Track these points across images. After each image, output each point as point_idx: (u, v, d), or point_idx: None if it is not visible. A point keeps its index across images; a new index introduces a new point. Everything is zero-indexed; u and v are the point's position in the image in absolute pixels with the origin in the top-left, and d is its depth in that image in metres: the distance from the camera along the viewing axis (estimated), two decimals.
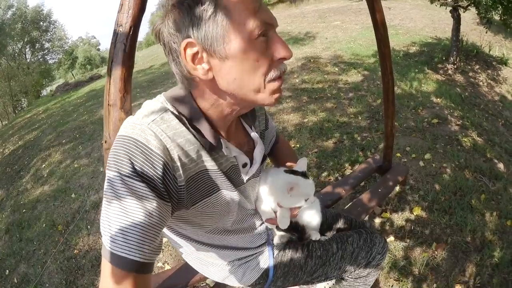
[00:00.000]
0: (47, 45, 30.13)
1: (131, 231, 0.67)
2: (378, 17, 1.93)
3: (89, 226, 3.46)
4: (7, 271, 3.23)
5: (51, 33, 30.25)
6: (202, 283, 2.23)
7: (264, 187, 1.11)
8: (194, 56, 0.75)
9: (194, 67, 0.76)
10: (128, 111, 1.09)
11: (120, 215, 0.68)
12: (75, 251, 3.13)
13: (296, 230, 1.25)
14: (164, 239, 2.84)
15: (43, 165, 5.77)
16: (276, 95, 0.83)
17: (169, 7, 0.74)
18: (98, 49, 60.58)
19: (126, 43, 1.03)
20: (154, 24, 0.80)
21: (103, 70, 29.14)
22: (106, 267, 0.68)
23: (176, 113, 0.82)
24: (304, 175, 1.08)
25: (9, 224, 4.12)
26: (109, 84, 1.06)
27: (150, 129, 0.74)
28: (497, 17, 6.79)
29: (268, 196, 1.09)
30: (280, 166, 1.33)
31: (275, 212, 1.13)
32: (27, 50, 28.07)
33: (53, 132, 7.74)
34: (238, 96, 0.81)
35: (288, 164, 1.24)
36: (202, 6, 0.71)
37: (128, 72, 1.07)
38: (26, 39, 26.92)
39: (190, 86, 0.83)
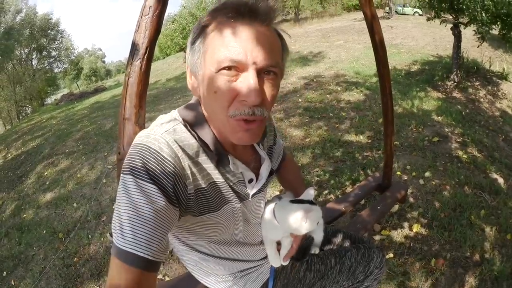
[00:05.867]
0: (53, 53, 30.35)
1: (141, 230, 0.71)
2: (377, 38, 1.99)
3: (90, 236, 3.50)
4: (5, 272, 3.27)
5: (58, 42, 30.54)
6: None
7: (267, 220, 1.15)
8: (189, 74, 0.89)
9: (189, 81, 0.91)
10: (142, 126, 1.14)
11: (131, 214, 0.72)
12: (75, 259, 3.17)
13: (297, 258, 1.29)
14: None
15: (46, 173, 5.83)
16: (238, 135, 0.83)
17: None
18: (104, 61, 61.05)
19: (142, 62, 1.10)
20: None
21: (108, 82, 29.22)
22: (114, 263, 0.72)
23: (188, 127, 0.87)
24: (311, 203, 1.12)
25: (9, 227, 4.18)
26: (125, 99, 1.13)
27: (163, 138, 0.80)
28: (495, 32, 6.90)
29: (275, 229, 1.13)
30: (285, 184, 1.38)
31: (278, 245, 1.18)
32: (33, 56, 28.31)
33: (57, 140, 7.81)
34: (215, 128, 0.89)
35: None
36: (196, 36, 0.83)
37: (143, 89, 1.13)
38: (33, 46, 27.16)
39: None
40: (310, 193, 1.16)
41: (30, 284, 3.01)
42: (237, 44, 0.76)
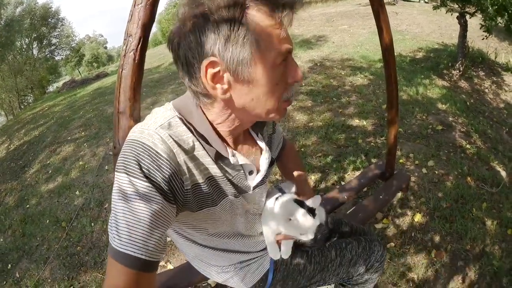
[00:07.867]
0: (54, 41, 29.82)
1: (137, 230, 0.70)
2: (384, 26, 1.95)
3: (92, 224, 3.50)
4: (9, 265, 3.27)
5: (59, 30, 29.87)
6: (204, 283, 2.26)
7: (267, 212, 1.14)
8: (215, 74, 0.75)
9: (214, 86, 0.77)
10: (137, 119, 1.11)
11: (126, 214, 0.71)
12: (78, 247, 3.18)
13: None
14: (168, 238, 2.88)
15: (48, 162, 5.79)
16: (282, 114, 0.88)
17: (191, 18, 0.73)
18: (105, 47, 60.21)
19: (135, 53, 1.05)
20: (170, 31, 0.80)
21: (110, 68, 28.77)
22: (111, 265, 0.71)
23: (184, 120, 0.85)
24: (311, 211, 1.08)
25: (13, 219, 4.17)
26: (119, 92, 1.09)
27: (157, 134, 0.78)
28: (501, 24, 6.78)
29: (276, 223, 1.11)
30: (286, 172, 1.36)
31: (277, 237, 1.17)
32: (34, 46, 27.83)
33: (59, 128, 7.71)
34: (251, 114, 0.85)
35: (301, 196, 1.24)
36: (232, 27, 0.71)
37: (138, 82, 1.09)
38: (34, 35, 26.72)
39: (201, 101, 0.84)
40: (315, 200, 1.13)
41: (34, 275, 3.02)
42: (286, 37, 0.78)
